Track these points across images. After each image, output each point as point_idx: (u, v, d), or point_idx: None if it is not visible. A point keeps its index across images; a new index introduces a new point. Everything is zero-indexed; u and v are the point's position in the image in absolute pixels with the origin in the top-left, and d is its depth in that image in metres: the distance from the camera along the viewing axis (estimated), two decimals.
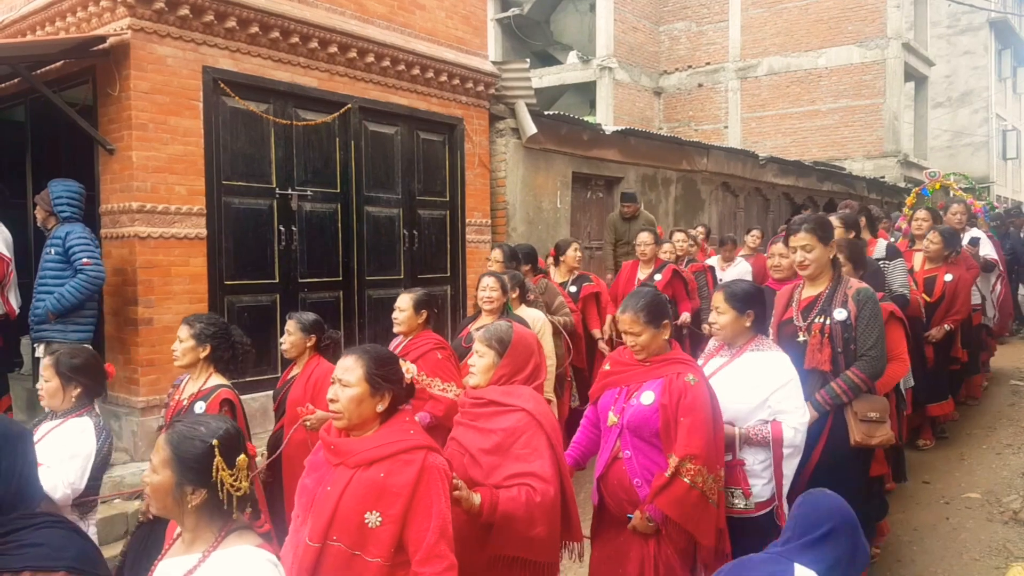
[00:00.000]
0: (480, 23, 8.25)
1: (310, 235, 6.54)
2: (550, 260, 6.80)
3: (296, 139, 6.40)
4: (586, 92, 19.58)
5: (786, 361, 3.14)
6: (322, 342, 4.08)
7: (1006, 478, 5.46)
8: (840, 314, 3.32)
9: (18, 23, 6.08)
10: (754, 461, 3.05)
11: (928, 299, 5.88)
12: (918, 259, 6.15)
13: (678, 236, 7.32)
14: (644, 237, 6.68)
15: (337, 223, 6.79)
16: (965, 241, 6.86)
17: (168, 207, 5.50)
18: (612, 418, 2.94)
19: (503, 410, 2.61)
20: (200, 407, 3.33)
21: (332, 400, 2.28)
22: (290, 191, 6.34)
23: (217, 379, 3.49)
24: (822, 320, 3.35)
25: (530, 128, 8.33)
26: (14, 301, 5.62)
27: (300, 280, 6.46)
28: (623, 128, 10.30)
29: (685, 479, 2.73)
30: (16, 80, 6.03)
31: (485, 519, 2.47)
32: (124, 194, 5.43)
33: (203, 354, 3.47)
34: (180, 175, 5.57)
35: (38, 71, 5.79)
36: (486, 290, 4.52)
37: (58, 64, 5.79)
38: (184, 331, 3.51)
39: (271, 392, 6.04)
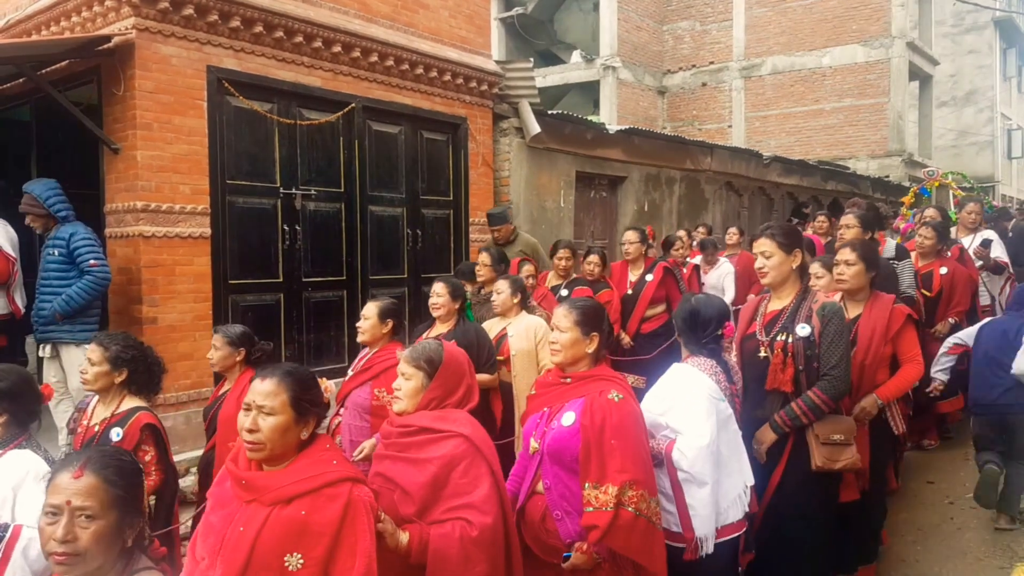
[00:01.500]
0: (484, 22, 8.25)
1: (314, 234, 6.54)
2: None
3: (300, 138, 6.41)
4: (590, 91, 19.57)
5: (693, 375, 2.91)
6: (252, 355, 3.78)
7: None
8: (803, 330, 3.14)
9: (23, 23, 6.09)
10: (666, 484, 2.76)
11: (928, 294, 5.87)
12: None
13: (630, 235, 6.33)
14: (629, 235, 6.25)
15: (341, 222, 6.80)
16: (977, 242, 6.82)
17: (172, 206, 5.51)
18: (533, 444, 2.67)
19: (437, 437, 2.33)
20: (116, 433, 3.04)
21: (250, 430, 2.01)
22: (294, 190, 6.35)
23: (132, 402, 3.17)
24: (784, 338, 3.15)
25: (534, 127, 8.33)
26: (20, 301, 5.64)
27: (304, 279, 6.47)
28: (627, 127, 10.30)
29: (629, 508, 2.43)
30: (21, 80, 6.04)
31: (415, 560, 2.20)
32: (129, 193, 5.44)
33: (119, 379, 3.16)
34: (184, 174, 5.58)
35: (43, 71, 5.80)
36: (433, 296, 4.30)
37: (63, 64, 5.80)
38: (96, 353, 3.15)
39: None
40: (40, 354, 5.25)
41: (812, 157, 16.72)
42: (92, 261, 4.98)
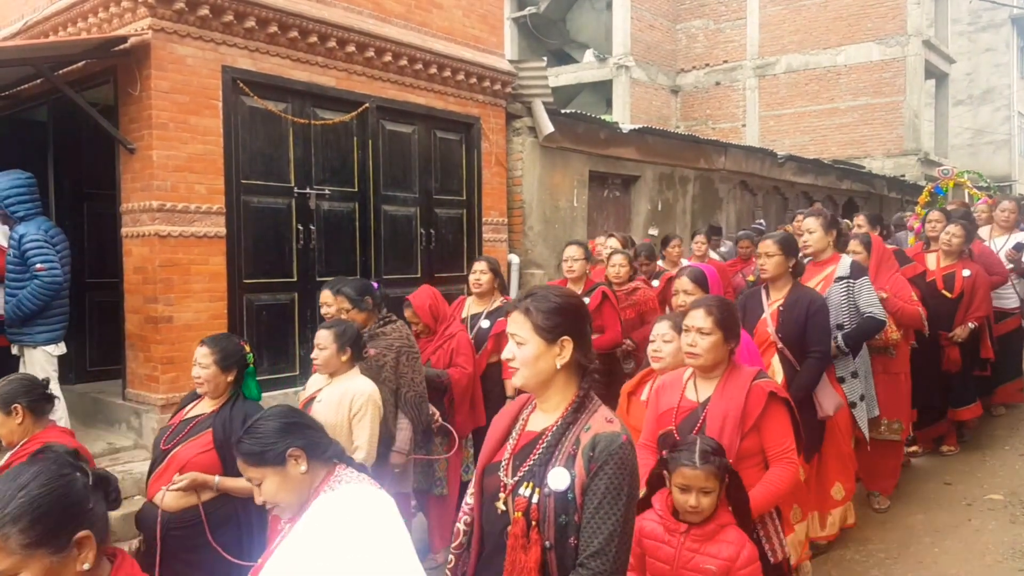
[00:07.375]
0: (497, 22, 8.25)
1: (328, 234, 6.56)
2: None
3: (314, 138, 6.43)
4: (603, 91, 19.54)
5: (364, 499, 1.88)
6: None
7: None
8: (559, 480, 1.85)
9: (41, 24, 6.15)
10: None
11: (950, 295, 5.80)
12: (932, 259, 6.06)
13: (572, 251, 5.23)
14: (571, 251, 5.23)
15: (355, 222, 6.81)
16: (1010, 244, 6.71)
17: (188, 206, 5.54)
18: None
19: None
20: None
21: None
22: (308, 190, 6.37)
23: None
24: (529, 493, 1.87)
25: (547, 127, 8.32)
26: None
27: (318, 279, 6.47)
28: (640, 127, 10.27)
29: None
30: (39, 80, 6.09)
31: None
32: (144, 193, 5.48)
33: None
34: (200, 174, 5.62)
35: (60, 71, 5.84)
36: (195, 366, 3.13)
37: (80, 64, 5.85)
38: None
39: (288, 391, 6.11)
40: (15, 353, 5.19)
41: (827, 156, 16.62)
42: (39, 265, 4.81)
